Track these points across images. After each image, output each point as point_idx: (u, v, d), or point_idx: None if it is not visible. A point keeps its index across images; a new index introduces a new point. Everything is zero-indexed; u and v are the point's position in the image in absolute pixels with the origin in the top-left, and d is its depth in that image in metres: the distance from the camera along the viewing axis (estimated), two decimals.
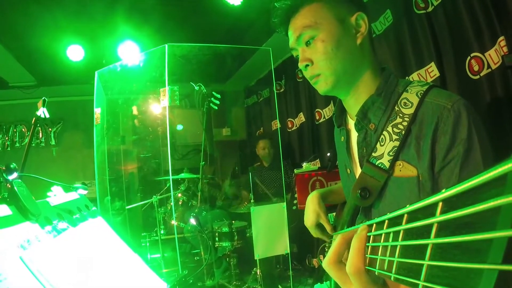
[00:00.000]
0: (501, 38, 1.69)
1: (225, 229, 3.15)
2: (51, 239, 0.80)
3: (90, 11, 2.84)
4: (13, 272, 0.62)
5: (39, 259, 0.71)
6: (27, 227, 0.75)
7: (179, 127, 4.91)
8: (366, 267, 0.46)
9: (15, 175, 0.61)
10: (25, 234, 0.73)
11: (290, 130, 4.40)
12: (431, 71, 2.16)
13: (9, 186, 0.73)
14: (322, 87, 0.96)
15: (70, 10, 2.83)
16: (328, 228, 1.18)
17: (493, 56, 1.76)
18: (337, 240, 0.54)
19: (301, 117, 4.15)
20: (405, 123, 0.85)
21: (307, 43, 0.94)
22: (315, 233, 1.24)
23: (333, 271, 0.54)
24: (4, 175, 0.59)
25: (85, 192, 1.12)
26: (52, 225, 0.84)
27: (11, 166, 0.61)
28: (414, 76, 2.26)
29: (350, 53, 0.93)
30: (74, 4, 2.78)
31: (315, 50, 0.92)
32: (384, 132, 0.88)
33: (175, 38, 2.91)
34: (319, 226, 1.22)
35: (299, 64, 0.97)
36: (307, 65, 0.94)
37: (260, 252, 2.82)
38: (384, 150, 0.86)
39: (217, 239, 3.17)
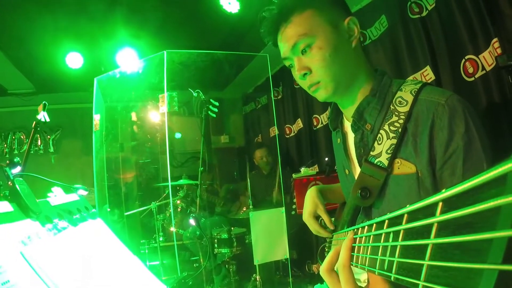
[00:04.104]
0: (495, 39, 1.71)
1: (224, 236, 3.13)
2: (51, 237, 0.80)
3: (89, 18, 2.87)
4: (13, 265, 0.62)
5: (39, 255, 0.71)
6: (28, 224, 0.76)
7: (178, 135, 4.90)
8: (366, 267, 0.47)
9: (18, 168, 0.62)
10: (26, 231, 0.73)
11: (288, 136, 4.41)
12: (427, 75, 2.19)
13: (11, 184, 0.74)
14: (322, 94, 0.95)
15: (69, 17, 2.85)
16: (326, 220, 1.16)
17: (487, 58, 1.78)
18: (332, 251, 0.62)
19: (299, 123, 4.17)
20: (401, 121, 0.85)
21: (303, 52, 0.92)
22: (312, 226, 1.18)
23: (326, 278, 0.62)
24: (7, 169, 0.60)
25: (85, 193, 1.13)
26: (53, 223, 0.84)
27: (15, 160, 0.61)
28: None
29: (347, 57, 0.93)
30: (73, 12, 2.80)
31: (312, 58, 0.91)
32: (381, 131, 0.88)
33: (174, 45, 2.94)
34: (317, 220, 1.21)
35: (296, 73, 0.95)
36: (305, 74, 0.93)
37: (259, 257, 2.80)
38: (382, 149, 0.87)
39: (216, 245, 3.15)
